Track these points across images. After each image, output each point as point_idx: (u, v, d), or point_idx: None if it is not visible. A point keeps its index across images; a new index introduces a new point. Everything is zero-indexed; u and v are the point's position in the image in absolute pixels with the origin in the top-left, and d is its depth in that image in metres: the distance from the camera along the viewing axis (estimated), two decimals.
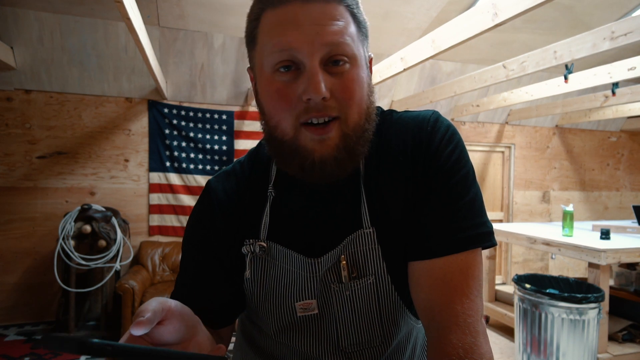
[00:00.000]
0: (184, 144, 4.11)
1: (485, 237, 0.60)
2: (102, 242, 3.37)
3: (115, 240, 3.47)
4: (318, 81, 0.52)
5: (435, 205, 0.60)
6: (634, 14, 3.18)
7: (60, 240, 3.28)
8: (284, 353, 0.71)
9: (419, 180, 0.61)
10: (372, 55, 0.64)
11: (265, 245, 0.65)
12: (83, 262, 3.30)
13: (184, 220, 4.11)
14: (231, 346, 1.71)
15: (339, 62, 0.54)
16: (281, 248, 0.65)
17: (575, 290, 2.73)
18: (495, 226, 3.78)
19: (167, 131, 4.05)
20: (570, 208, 3.27)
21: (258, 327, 0.73)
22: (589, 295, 2.44)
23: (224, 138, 4.23)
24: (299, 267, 0.65)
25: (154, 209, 4.05)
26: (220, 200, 0.68)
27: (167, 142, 4.06)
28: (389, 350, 0.67)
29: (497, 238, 3.69)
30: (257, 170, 0.70)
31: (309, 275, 0.65)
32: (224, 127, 4.23)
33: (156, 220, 4.06)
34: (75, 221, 3.37)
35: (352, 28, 0.56)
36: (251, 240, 0.66)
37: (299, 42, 0.53)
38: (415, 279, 0.61)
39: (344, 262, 0.63)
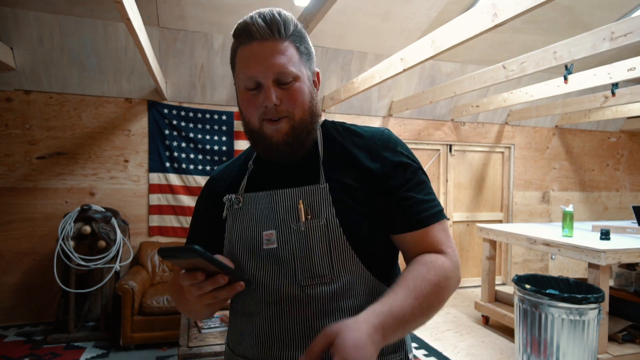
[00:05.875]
0: (183, 144, 4.11)
1: (443, 211, 0.87)
2: (102, 243, 3.37)
3: (115, 240, 3.47)
4: (270, 95, 0.79)
5: (413, 191, 0.83)
6: (634, 15, 3.18)
7: (60, 240, 3.28)
8: (252, 294, 0.86)
9: (389, 172, 0.83)
10: (318, 70, 0.90)
11: (240, 198, 0.88)
12: (83, 263, 3.30)
13: (183, 220, 4.11)
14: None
15: (286, 81, 0.80)
16: (251, 194, 0.87)
17: (575, 291, 2.73)
18: (495, 226, 3.78)
19: (167, 132, 4.05)
20: (570, 208, 3.27)
21: None
22: (589, 295, 2.44)
23: (224, 138, 4.23)
24: (263, 202, 0.86)
25: (154, 209, 4.05)
26: (214, 179, 0.98)
27: (167, 142, 4.06)
28: (339, 289, 0.80)
29: (497, 238, 3.70)
30: (244, 156, 0.97)
31: (270, 207, 0.85)
32: (224, 128, 4.23)
33: (156, 220, 4.06)
34: (75, 222, 3.37)
35: (296, 57, 0.82)
36: (231, 195, 0.90)
37: (258, 72, 0.80)
38: (408, 246, 0.83)
39: (301, 205, 0.82)
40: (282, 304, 0.81)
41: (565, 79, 3.24)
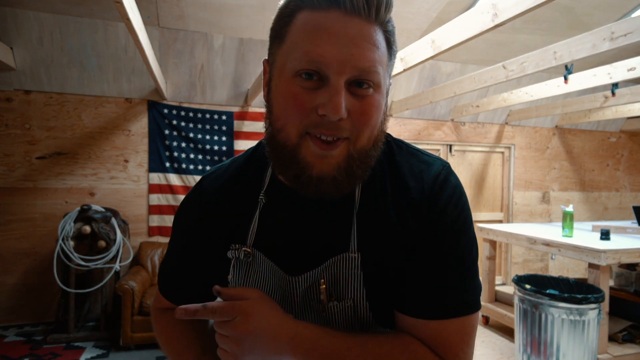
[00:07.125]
0: (183, 144, 4.11)
1: (477, 302, 0.61)
2: (102, 243, 3.37)
3: (114, 240, 3.47)
4: (339, 102, 0.51)
5: (436, 268, 0.60)
6: (634, 15, 3.18)
7: (60, 240, 3.28)
8: None
9: (421, 235, 0.61)
10: (391, 83, 0.62)
11: (250, 251, 0.65)
12: (83, 263, 3.30)
13: None
14: None
15: (363, 84, 0.53)
16: (264, 258, 0.65)
17: (575, 291, 2.72)
18: (495, 227, 3.78)
19: (166, 132, 4.04)
20: (570, 209, 3.27)
21: None
22: (589, 295, 2.44)
23: (224, 139, 4.23)
24: (279, 281, 0.65)
25: (154, 209, 4.05)
26: (210, 202, 0.70)
27: (167, 142, 4.05)
28: None
29: (497, 238, 3.70)
30: (252, 174, 0.69)
31: (288, 291, 0.65)
32: (224, 128, 4.23)
33: (156, 220, 4.06)
34: (74, 222, 3.36)
35: (385, 56, 0.55)
36: (237, 245, 0.66)
37: (331, 58, 0.51)
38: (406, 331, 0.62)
39: (323, 286, 0.62)
40: None
41: (566, 79, 3.24)
